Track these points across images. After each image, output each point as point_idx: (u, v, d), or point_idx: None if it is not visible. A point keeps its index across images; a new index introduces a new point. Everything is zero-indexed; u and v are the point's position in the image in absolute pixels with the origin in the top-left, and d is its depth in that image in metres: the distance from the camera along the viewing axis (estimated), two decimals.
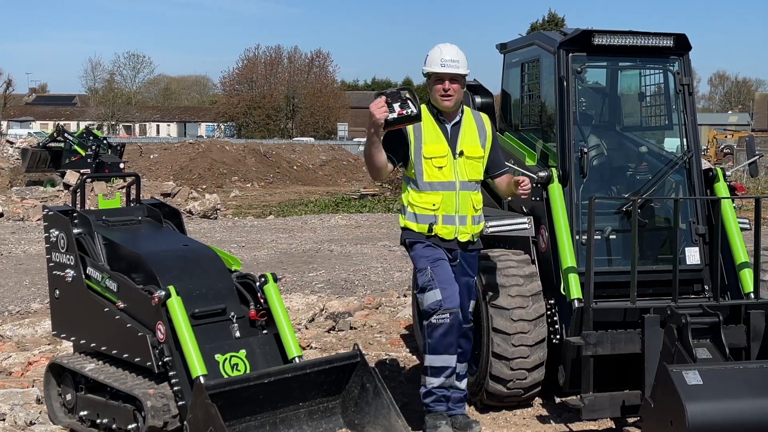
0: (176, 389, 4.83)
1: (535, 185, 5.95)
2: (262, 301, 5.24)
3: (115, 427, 5.09)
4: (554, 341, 5.83)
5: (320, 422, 4.98)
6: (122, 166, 27.44)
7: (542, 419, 5.86)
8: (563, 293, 5.72)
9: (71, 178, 24.53)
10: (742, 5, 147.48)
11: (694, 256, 6.10)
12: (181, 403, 4.80)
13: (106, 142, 29.16)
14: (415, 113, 5.04)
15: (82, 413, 5.36)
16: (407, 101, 5.02)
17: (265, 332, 5.23)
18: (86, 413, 5.33)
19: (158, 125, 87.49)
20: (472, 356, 5.65)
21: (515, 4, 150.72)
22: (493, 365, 5.73)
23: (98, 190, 20.54)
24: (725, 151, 43.17)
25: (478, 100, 6.74)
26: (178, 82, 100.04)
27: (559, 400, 6.06)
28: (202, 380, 4.65)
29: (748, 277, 5.80)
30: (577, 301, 5.54)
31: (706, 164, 6.51)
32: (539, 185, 5.99)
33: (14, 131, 59.97)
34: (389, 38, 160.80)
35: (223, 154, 38.22)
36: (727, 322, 5.34)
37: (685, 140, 6.31)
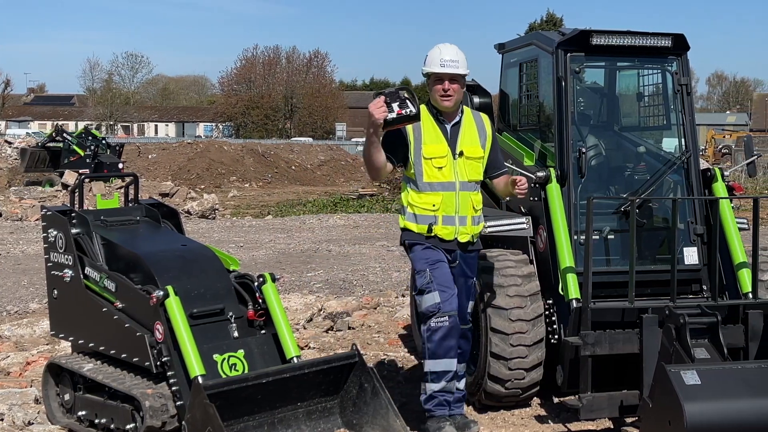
0: (174, 389, 4.82)
1: (533, 185, 5.95)
2: (260, 301, 5.24)
3: (113, 427, 5.09)
4: (552, 341, 5.82)
5: (318, 422, 4.97)
6: (121, 166, 27.43)
7: (540, 419, 5.86)
8: (561, 293, 5.72)
9: (70, 178, 24.52)
10: (740, 5, 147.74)
11: (692, 256, 6.10)
12: (179, 403, 4.79)
13: (105, 142, 29.17)
14: (414, 113, 5.02)
15: (80, 413, 5.36)
16: (406, 101, 5.00)
17: (263, 332, 5.23)
18: (84, 413, 5.33)
19: (156, 125, 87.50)
20: (470, 356, 5.65)
21: (513, 4, 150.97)
22: (491, 365, 5.73)
23: (96, 190, 20.56)
24: (723, 151, 43.25)
25: (476, 100, 6.73)
26: (176, 82, 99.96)
27: (557, 400, 6.06)
28: (200, 380, 4.64)
29: (746, 277, 5.81)
30: (575, 301, 5.54)
31: (704, 164, 6.51)
32: (537, 185, 5.99)
33: (12, 131, 60.03)
34: (387, 38, 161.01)
35: (221, 154, 38.21)
36: (725, 322, 5.34)
37: (683, 140, 6.31)
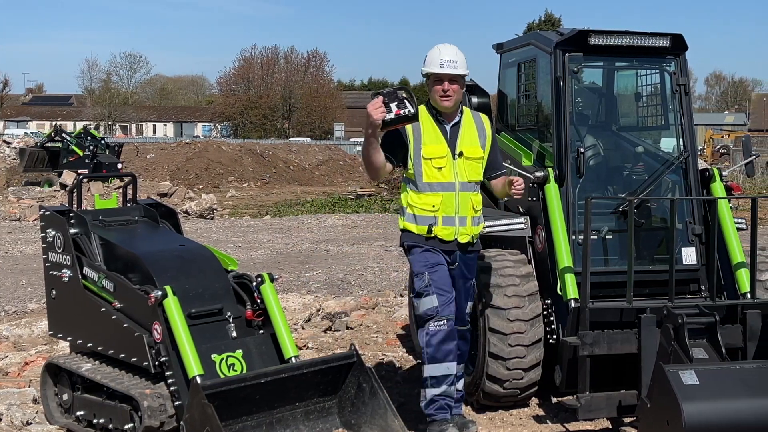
0: (173, 389, 4.82)
1: (531, 185, 5.96)
2: (258, 301, 5.24)
3: (111, 427, 5.08)
4: (551, 341, 5.82)
5: (317, 422, 4.97)
6: (120, 166, 27.39)
7: (539, 419, 5.86)
8: (560, 293, 5.72)
9: (68, 178, 24.50)
10: (739, 5, 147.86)
11: (690, 256, 6.10)
12: (177, 403, 4.79)
13: (103, 142, 29.14)
14: (412, 113, 5.01)
15: (78, 413, 5.36)
16: (404, 101, 4.99)
17: (261, 332, 5.22)
18: (83, 413, 5.33)
19: (155, 125, 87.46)
20: (468, 356, 5.64)
21: (512, 4, 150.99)
22: (489, 365, 5.73)
23: (95, 190, 20.55)
24: (722, 151, 43.29)
25: (474, 100, 6.73)
26: (174, 82, 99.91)
27: (555, 400, 6.06)
28: (198, 380, 4.64)
29: (744, 277, 5.81)
30: (573, 301, 5.54)
31: (702, 164, 6.52)
32: (536, 185, 5.99)
33: (11, 131, 59.97)
34: (386, 38, 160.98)
35: (219, 154, 38.18)
36: (723, 322, 5.35)
37: (681, 140, 6.31)
